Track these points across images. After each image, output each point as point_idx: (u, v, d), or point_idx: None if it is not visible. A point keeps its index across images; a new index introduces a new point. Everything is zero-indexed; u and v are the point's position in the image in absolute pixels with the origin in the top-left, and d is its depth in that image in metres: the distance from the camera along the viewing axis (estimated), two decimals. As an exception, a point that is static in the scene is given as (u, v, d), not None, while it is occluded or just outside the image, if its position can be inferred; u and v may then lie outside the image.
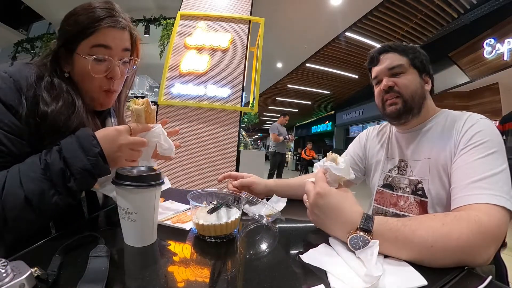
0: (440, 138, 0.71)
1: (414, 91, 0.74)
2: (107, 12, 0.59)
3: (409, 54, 0.77)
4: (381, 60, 0.79)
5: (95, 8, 0.59)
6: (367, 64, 0.85)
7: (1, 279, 0.28)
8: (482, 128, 0.63)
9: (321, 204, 0.51)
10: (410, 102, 0.74)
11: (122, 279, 0.38)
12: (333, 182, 0.54)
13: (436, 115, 0.77)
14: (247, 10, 2.91)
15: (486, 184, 0.54)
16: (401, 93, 0.74)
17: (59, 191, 0.48)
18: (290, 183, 0.86)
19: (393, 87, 0.75)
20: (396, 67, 0.76)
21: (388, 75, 0.77)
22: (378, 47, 0.82)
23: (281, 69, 7.27)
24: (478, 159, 0.58)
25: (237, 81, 2.66)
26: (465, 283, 0.39)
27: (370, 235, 0.45)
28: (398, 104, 0.75)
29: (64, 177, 0.48)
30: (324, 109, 12.66)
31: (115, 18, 0.60)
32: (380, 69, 0.78)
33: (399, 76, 0.76)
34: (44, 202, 0.47)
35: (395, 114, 0.76)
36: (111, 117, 0.76)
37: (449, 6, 4.41)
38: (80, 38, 0.58)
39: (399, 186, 0.78)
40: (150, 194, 0.47)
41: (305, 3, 4.13)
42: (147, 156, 0.64)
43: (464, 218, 0.48)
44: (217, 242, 0.50)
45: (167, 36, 3.37)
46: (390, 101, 0.76)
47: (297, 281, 0.38)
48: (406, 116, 0.75)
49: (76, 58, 0.59)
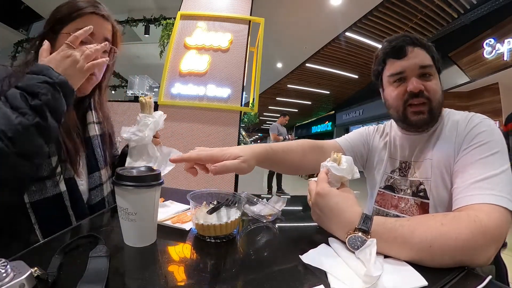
0: (443, 138, 0.69)
1: (440, 98, 0.68)
2: (89, 2, 0.65)
3: (433, 53, 0.69)
4: (411, 54, 0.67)
5: (78, 1, 0.65)
6: (385, 54, 0.72)
7: (1, 279, 0.28)
8: (485, 129, 0.62)
9: (321, 204, 0.51)
10: (435, 110, 0.68)
11: (122, 279, 0.38)
12: (334, 182, 0.54)
13: (441, 116, 0.74)
14: (247, 10, 2.91)
15: (487, 184, 0.53)
16: (430, 100, 0.66)
17: (22, 112, 0.47)
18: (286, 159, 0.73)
19: (423, 92, 0.66)
20: (428, 66, 0.66)
21: (418, 75, 0.67)
22: (402, 37, 0.69)
23: (281, 69, 7.28)
24: (480, 159, 0.58)
25: (237, 81, 2.66)
26: (465, 283, 0.39)
27: (368, 236, 0.45)
28: (425, 113, 0.67)
29: (23, 98, 0.48)
30: (324, 109, 12.67)
31: (97, 7, 0.66)
32: (410, 65, 0.66)
33: (429, 79, 0.67)
34: (8, 124, 0.45)
35: (421, 123, 0.68)
36: (91, 110, 0.75)
37: (449, 6, 4.42)
38: (67, 21, 0.63)
39: (400, 188, 0.77)
40: (149, 194, 0.46)
41: (305, 3, 4.13)
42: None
43: (463, 218, 0.47)
44: (217, 242, 0.50)
45: (167, 36, 3.36)
46: (416, 108, 0.67)
47: (297, 281, 0.38)
48: (429, 126, 0.70)
49: (60, 37, 0.62)
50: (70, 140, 0.64)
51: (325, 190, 0.51)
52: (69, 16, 0.63)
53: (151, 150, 0.70)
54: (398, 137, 0.81)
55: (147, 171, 0.49)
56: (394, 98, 0.71)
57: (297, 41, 5.43)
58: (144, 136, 0.67)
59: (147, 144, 0.70)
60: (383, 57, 0.73)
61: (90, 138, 0.72)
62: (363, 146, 0.88)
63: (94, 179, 0.71)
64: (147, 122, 0.68)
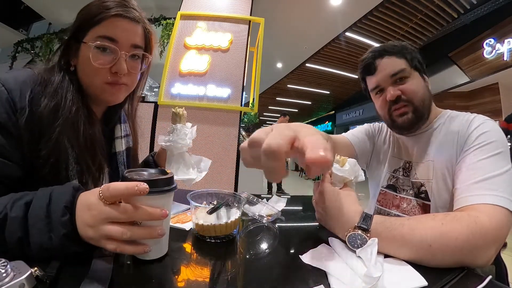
0: (445, 140, 0.69)
1: (423, 96, 0.70)
2: (118, 2, 0.56)
3: (406, 54, 0.71)
4: (379, 67, 0.72)
5: (106, 1, 0.56)
6: (362, 74, 0.78)
7: (1, 279, 0.28)
8: (487, 130, 0.62)
9: (323, 203, 0.53)
10: (421, 109, 0.70)
11: (125, 278, 0.38)
12: (337, 183, 0.55)
13: (440, 116, 0.75)
14: (247, 10, 2.91)
15: (489, 184, 0.53)
16: (410, 101, 0.69)
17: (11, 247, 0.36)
18: None
19: (401, 96, 0.69)
20: (399, 72, 0.70)
21: (392, 83, 0.71)
22: (371, 52, 0.74)
23: (281, 69, 7.27)
24: (482, 160, 0.58)
25: (237, 81, 2.66)
26: (465, 283, 0.39)
27: (368, 234, 0.45)
28: (409, 113, 0.70)
29: (20, 245, 0.37)
30: (324, 109, 12.65)
31: (126, 8, 0.56)
32: (381, 77, 0.71)
33: (404, 82, 0.70)
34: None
35: (407, 124, 0.71)
36: (121, 123, 0.71)
37: (449, 6, 4.41)
38: (88, 26, 0.54)
39: (403, 188, 0.77)
40: (160, 201, 0.40)
41: (305, 3, 4.13)
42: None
43: (464, 218, 0.47)
44: (217, 242, 0.50)
45: (167, 36, 3.36)
46: (399, 111, 0.70)
47: (297, 281, 0.38)
48: (418, 124, 0.72)
49: (82, 47, 0.55)
50: (94, 162, 0.57)
51: (326, 189, 0.52)
52: (88, 22, 0.54)
53: (187, 158, 0.71)
54: (401, 137, 0.82)
55: (157, 174, 0.44)
56: (379, 108, 0.77)
57: (297, 41, 5.42)
58: (186, 144, 0.68)
59: (184, 153, 0.71)
60: (361, 76, 0.80)
61: (116, 154, 0.68)
62: (369, 143, 0.88)
63: None
64: (186, 131, 0.69)
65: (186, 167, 0.70)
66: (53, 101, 0.52)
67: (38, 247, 0.37)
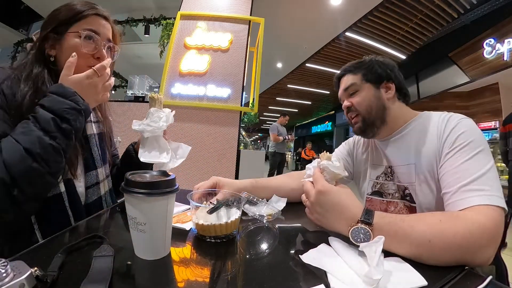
0: (422, 142, 0.70)
1: (369, 106, 0.77)
2: (87, 5, 0.67)
3: (361, 70, 0.80)
4: (341, 85, 0.85)
5: (76, 4, 0.67)
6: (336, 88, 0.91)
7: (1, 279, 0.28)
8: (464, 129, 0.63)
9: (323, 201, 0.52)
10: (368, 117, 0.77)
11: (125, 278, 0.38)
12: (330, 180, 0.55)
13: (414, 119, 0.76)
14: (247, 10, 2.91)
15: (476, 186, 0.54)
16: (358, 111, 0.78)
17: (53, 135, 0.52)
18: (270, 185, 0.82)
19: (351, 107, 0.80)
20: (349, 87, 0.81)
21: (347, 96, 0.82)
22: (339, 73, 0.88)
23: (281, 69, 7.27)
24: (465, 162, 0.58)
25: (237, 81, 2.66)
26: (465, 283, 0.39)
27: (371, 227, 0.46)
28: (359, 122, 0.79)
29: (55, 122, 0.52)
30: (324, 109, 12.66)
31: (97, 8, 0.69)
32: (340, 92, 0.85)
33: (354, 95, 0.80)
34: (43, 147, 0.50)
35: (358, 131, 0.80)
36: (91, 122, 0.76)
37: (449, 6, 4.41)
38: (71, 22, 0.65)
39: (388, 192, 0.78)
40: (161, 203, 0.41)
41: (305, 3, 4.13)
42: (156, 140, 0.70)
43: (461, 217, 0.49)
44: (217, 242, 0.50)
45: (167, 36, 3.36)
46: (352, 120, 0.81)
47: (297, 281, 0.38)
48: (370, 130, 0.78)
49: (67, 37, 0.64)
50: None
51: (326, 187, 0.52)
52: (73, 18, 0.65)
53: (162, 143, 0.71)
54: (378, 143, 0.85)
55: (159, 176, 0.45)
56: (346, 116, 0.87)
57: (297, 41, 5.42)
58: (159, 127, 0.68)
59: (159, 137, 0.70)
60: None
61: (88, 136, 0.73)
62: (350, 159, 0.94)
63: (91, 177, 0.71)
64: (160, 115, 0.69)
65: (160, 151, 0.70)
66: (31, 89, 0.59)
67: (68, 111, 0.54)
